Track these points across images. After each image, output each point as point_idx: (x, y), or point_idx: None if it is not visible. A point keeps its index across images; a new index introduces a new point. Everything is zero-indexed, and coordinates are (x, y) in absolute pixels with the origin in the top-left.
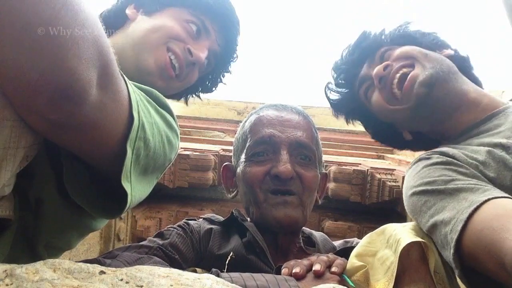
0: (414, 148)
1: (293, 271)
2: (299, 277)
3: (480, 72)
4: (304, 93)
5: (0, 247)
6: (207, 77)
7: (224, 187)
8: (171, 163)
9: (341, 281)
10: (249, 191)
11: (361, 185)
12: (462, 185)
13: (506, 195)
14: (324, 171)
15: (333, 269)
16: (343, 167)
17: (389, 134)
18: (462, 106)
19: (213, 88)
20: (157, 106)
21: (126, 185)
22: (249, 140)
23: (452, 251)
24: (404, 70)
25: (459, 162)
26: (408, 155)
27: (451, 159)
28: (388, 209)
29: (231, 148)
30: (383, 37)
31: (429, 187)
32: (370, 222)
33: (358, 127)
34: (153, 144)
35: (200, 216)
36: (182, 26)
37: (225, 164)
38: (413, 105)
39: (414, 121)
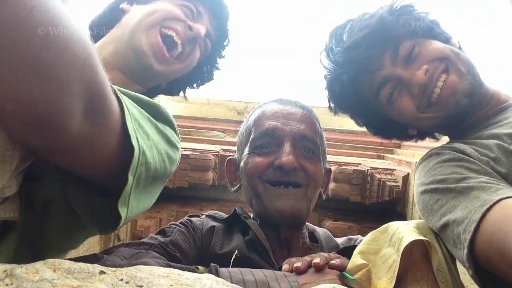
0: (416, 140)
1: (295, 265)
2: (300, 272)
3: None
4: (304, 93)
5: (4, 249)
6: (205, 63)
7: (227, 181)
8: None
9: (341, 278)
10: (249, 183)
11: (361, 185)
12: (474, 183)
13: None
14: (328, 166)
15: (333, 261)
16: (343, 167)
17: (393, 130)
18: (487, 104)
19: (211, 77)
20: (157, 124)
21: (122, 209)
22: (253, 133)
23: (465, 251)
24: (444, 76)
25: (470, 159)
26: (408, 155)
27: (462, 155)
28: (388, 209)
29: (231, 148)
30: (397, 23)
31: (440, 185)
32: (370, 222)
33: (358, 127)
34: (154, 165)
35: (203, 213)
36: (179, 9)
37: (228, 158)
38: (449, 114)
39: (438, 126)
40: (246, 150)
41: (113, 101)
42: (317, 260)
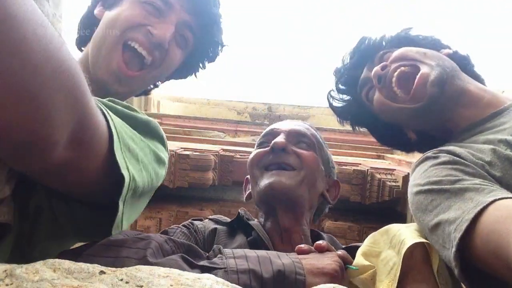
0: (422, 150)
1: (297, 246)
2: (300, 252)
3: (480, 71)
4: (304, 93)
5: (0, 253)
6: (200, 47)
7: (243, 193)
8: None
9: (341, 257)
10: (250, 173)
11: (361, 185)
12: (468, 185)
13: None
14: (335, 178)
15: (338, 252)
16: (343, 167)
17: (394, 136)
18: (465, 103)
19: (218, 54)
20: (149, 144)
21: (115, 231)
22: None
23: (454, 249)
24: (402, 68)
25: (465, 162)
26: (408, 155)
27: (458, 158)
28: (388, 209)
29: (231, 148)
30: (383, 41)
31: (435, 186)
32: (370, 222)
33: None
34: (142, 186)
35: (207, 216)
36: (140, 9)
37: (247, 176)
38: (424, 105)
39: (418, 119)
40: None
41: (101, 127)
42: (320, 242)
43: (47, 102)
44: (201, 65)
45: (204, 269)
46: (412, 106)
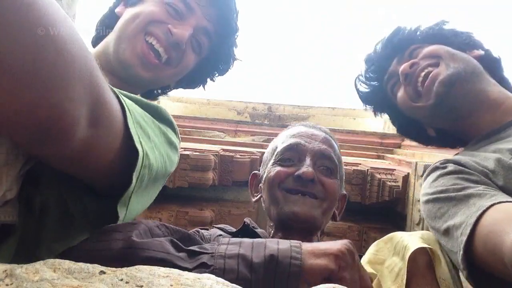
0: (439, 145)
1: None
2: None
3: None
4: (304, 93)
5: (3, 253)
6: (213, 57)
7: (249, 192)
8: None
9: None
10: (269, 190)
11: (361, 185)
12: (472, 192)
13: (511, 199)
14: (344, 192)
15: None
16: (343, 167)
17: (414, 129)
18: (483, 107)
19: (229, 67)
20: (160, 126)
21: (121, 210)
22: (278, 148)
23: (461, 252)
24: (430, 69)
25: (470, 171)
26: (408, 155)
27: (462, 167)
28: (388, 209)
29: (231, 148)
30: (417, 33)
31: (442, 195)
32: (370, 222)
33: (358, 127)
34: (156, 167)
35: (214, 225)
36: (162, 9)
37: (254, 172)
38: (433, 103)
39: (434, 118)
40: (271, 162)
41: (115, 104)
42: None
43: (63, 75)
44: (211, 76)
45: (190, 253)
46: (423, 104)
